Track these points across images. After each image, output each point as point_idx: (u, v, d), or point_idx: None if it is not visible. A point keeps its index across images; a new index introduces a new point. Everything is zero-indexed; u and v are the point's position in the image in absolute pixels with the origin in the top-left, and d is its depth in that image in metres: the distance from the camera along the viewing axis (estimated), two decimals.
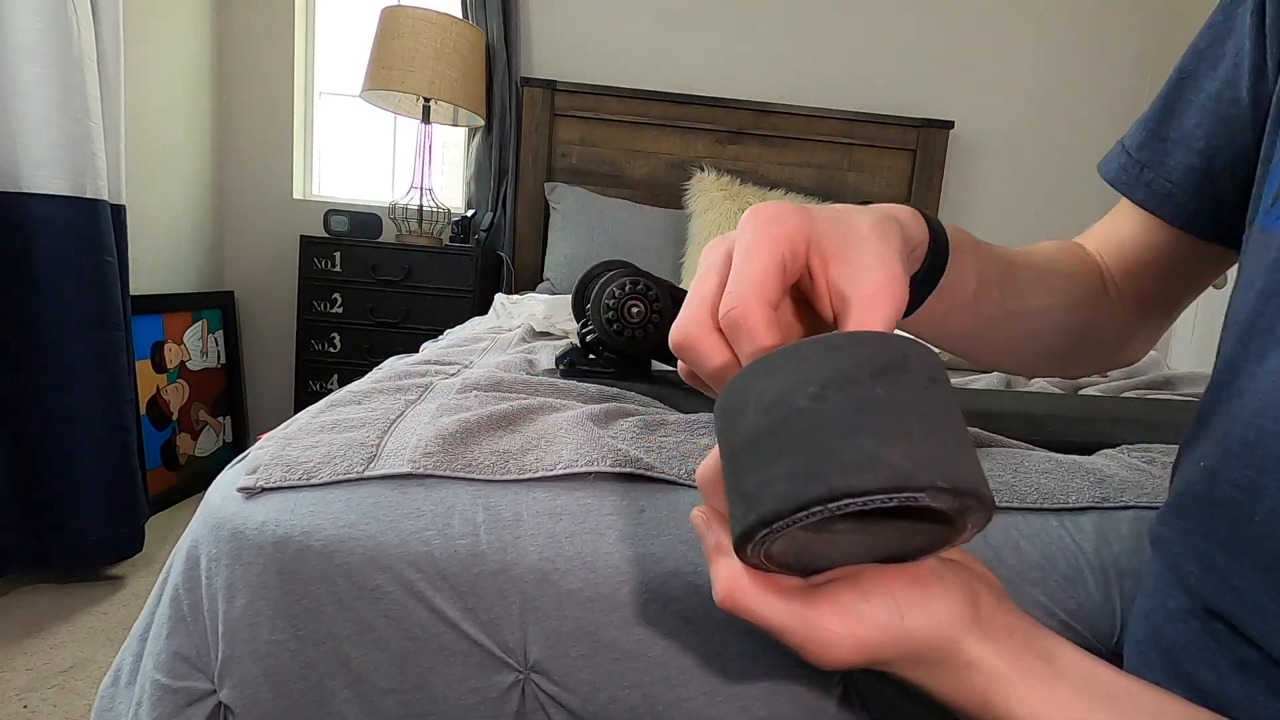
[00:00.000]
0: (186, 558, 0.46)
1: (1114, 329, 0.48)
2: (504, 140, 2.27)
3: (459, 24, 2.04)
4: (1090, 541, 0.47)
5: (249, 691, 0.43)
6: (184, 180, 2.15)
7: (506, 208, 2.30)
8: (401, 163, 2.48)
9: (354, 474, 0.46)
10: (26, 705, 1.08)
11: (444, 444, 0.48)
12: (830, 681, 0.42)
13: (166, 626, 0.46)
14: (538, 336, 1.11)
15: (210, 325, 2.17)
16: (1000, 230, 2.54)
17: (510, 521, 0.44)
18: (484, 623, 0.42)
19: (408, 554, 0.43)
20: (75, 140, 1.33)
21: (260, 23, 2.28)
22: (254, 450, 0.50)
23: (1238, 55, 0.37)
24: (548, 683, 0.43)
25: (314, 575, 0.43)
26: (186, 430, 2.02)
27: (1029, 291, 0.42)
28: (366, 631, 0.43)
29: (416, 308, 2.02)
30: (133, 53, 1.82)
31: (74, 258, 1.35)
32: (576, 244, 2.14)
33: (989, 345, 0.44)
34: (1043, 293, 0.43)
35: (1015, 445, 0.59)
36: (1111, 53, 2.48)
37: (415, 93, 1.98)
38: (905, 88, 2.44)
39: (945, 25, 2.44)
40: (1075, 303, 0.45)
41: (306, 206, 2.36)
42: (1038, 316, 0.43)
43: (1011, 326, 0.43)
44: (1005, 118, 2.49)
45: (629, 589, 0.42)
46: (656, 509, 0.45)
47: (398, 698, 0.43)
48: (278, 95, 2.32)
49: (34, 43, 1.27)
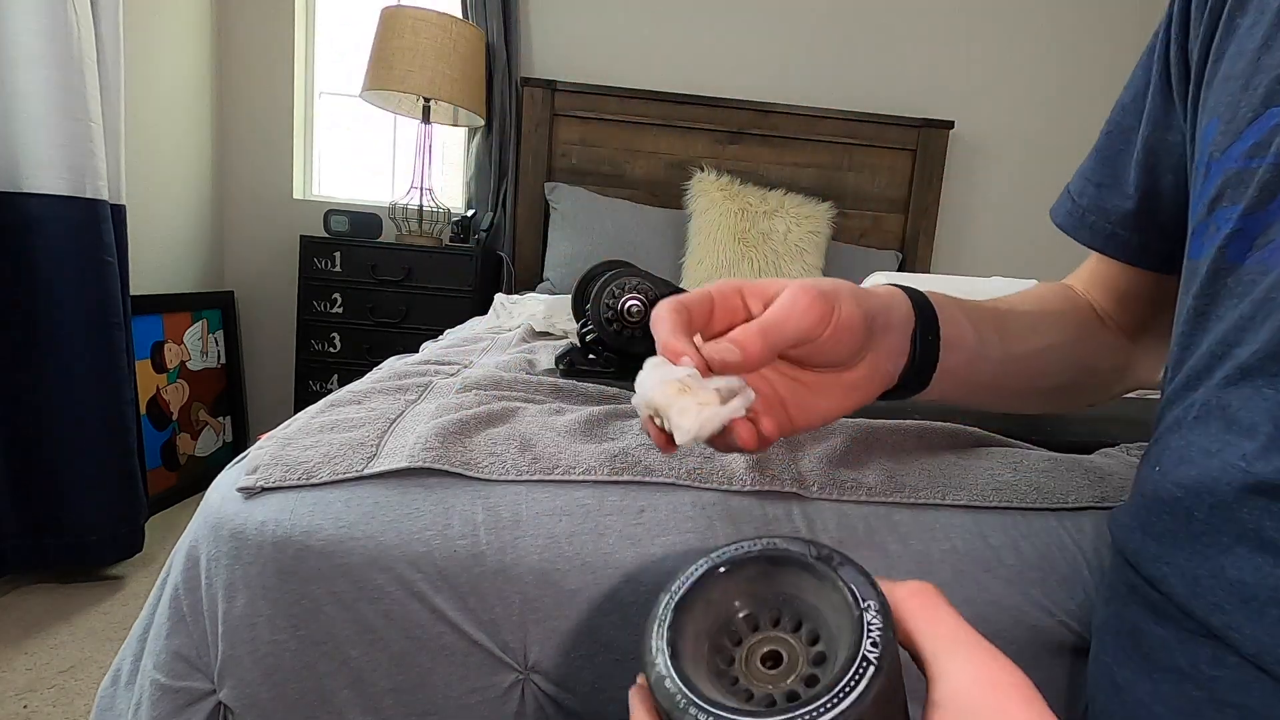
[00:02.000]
0: (186, 558, 0.46)
1: (1115, 358, 0.50)
2: (504, 140, 2.27)
3: (459, 24, 2.04)
4: (1089, 541, 0.47)
5: (249, 691, 0.43)
6: (184, 180, 2.15)
7: (506, 208, 2.30)
8: (401, 163, 2.48)
9: (354, 473, 0.46)
10: (26, 705, 1.08)
11: (444, 440, 0.48)
12: None
13: (166, 626, 0.46)
14: (537, 336, 1.11)
15: (210, 325, 2.17)
16: (1000, 230, 2.54)
17: (510, 522, 0.44)
18: (484, 623, 0.42)
19: (408, 554, 0.43)
20: (75, 140, 1.33)
21: (260, 23, 2.28)
22: (254, 450, 0.50)
23: (1162, 111, 0.42)
24: (547, 683, 0.43)
25: (314, 575, 0.43)
26: (186, 430, 2.02)
27: (1026, 334, 0.45)
28: (366, 631, 0.43)
29: (416, 308, 2.02)
30: (133, 53, 1.82)
31: (74, 258, 1.35)
32: (576, 244, 2.14)
33: (1006, 392, 0.46)
34: (1039, 333, 0.46)
35: (1015, 445, 0.59)
36: (1112, 53, 2.48)
37: (415, 93, 1.98)
38: (905, 88, 2.44)
39: (945, 25, 2.44)
40: (1072, 338, 0.47)
41: (306, 206, 2.36)
42: (1039, 356, 0.46)
43: (1017, 370, 0.45)
44: (1005, 118, 2.49)
45: (629, 589, 0.42)
46: (656, 509, 0.45)
47: (397, 698, 0.43)
48: (278, 95, 2.32)
49: (34, 43, 1.27)
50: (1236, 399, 0.30)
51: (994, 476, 0.50)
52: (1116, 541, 0.38)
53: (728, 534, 0.44)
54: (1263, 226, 0.31)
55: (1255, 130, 0.31)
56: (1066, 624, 0.44)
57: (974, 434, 0.59)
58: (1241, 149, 0.32)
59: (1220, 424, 0.31)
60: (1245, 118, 0.32)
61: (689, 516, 0.45)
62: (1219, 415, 0.31)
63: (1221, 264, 0.32)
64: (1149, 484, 0.35)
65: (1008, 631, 0.43)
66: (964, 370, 0.41)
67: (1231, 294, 0.32)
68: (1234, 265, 0.32)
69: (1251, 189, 0.31)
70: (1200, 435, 0.32)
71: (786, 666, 0.22)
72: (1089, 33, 2.47)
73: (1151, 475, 0.35)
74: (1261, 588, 0.28)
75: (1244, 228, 0.31)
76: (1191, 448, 0.32)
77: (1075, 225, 0.48)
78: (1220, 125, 0.33)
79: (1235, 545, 0.29)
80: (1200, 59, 0.37)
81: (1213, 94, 0.35)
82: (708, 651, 0.23)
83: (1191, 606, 0.31)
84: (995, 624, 0.43)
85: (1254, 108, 0.32)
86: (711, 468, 0.47)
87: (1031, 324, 0.46)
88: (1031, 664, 0.43)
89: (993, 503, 0.48)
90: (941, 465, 0.52)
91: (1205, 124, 0.35)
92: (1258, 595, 0.28)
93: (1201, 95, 0.36)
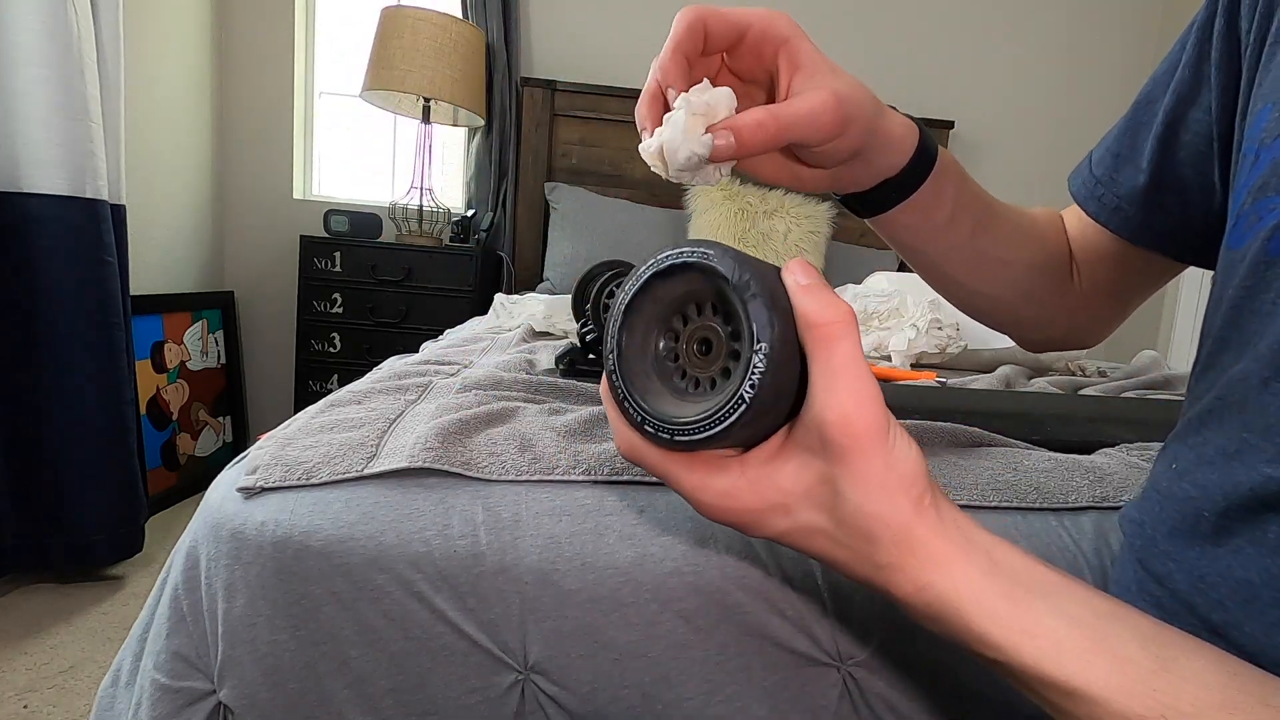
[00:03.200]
0: (186, 558, 0.46)
1: (1068, 304, 0.51)
2: (504, 140, 2.27)
3: (459, 24, 2.04)
4: (1089, 541, 0.47)
5: (249, 691, 0.43)
6: (184, 180, 2.15)
7: (506, 208, 2.30)
8: (401, 163, 2.48)
9: (353, 474, 0.46)
10: (26, 705, 1.08)
11: (444, 440, 0.48)
12: (829, 682, 0.42)
13: (166, 626, 0.46)
14: (537, 336, 1.11)
15: (210, 325, 2.17)
16: None
17: (510, 522, 0.44)
18: (484, 623, 0.42)
19: (407, 554, 0.43)
20: (75, 140, 1.33)
21: (260, 23, 2.28)
22: (254, 450, 0.50)
23: (1189, 87, 0.41)
24: (547, 683, 0.43)
25: (314, 575, 0.43)
26: (186, 430, 2.02)
27: (1002, 239, 0.46)
28: (366, 631, 0.43)
29: (416, 308, 2.02)
30: (133, 53, 1.82)
31: (74, 257, 1.35)
32: (576, 244, 2.14)
33: (946, 274, 0.48)
34: (1015, 245, 0.47)
35: (1015, 445, 0.59)
36: (1112, 53, 2.48)
37: (415, 93, 1.98)
38: (905, 88, 2.44)
39: (945, 25, 2.44)
40: (1040, 264, 0.48)
41: (306, 206, 2.36)
42: (1002, 265, 0.47)
43: (975, 264, 0.46)
44: (1005, 118, 2.49)
45: (628, 589, 0.42)
46: (656, 509, 0.45)
47: (397, 697, 0.43)
48: (278, 95, 2.32)
49: (34, 43, 1.27)
50: (1259, 400, 0.29)
51: (994, 476, 0.50)
52: (1126, 535, 0.38)
53: (728, 536, 0.44)
54: None
55: None
56: None
57: (974, 434, 0.59)
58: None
59: (1238, 424, 0.30)
60: None
61: (688, 517, 0.45)
62: (1238, 415, 0.30)
63: (1263, 256, 0.31)
64: (1164, 480, 0.35)
65: None
66: (908, 229, 0.43)
67: (1270, 288, 0.30)
68: (1275, 259, 0.30)
69: None
70: (1218, 434, 0.31)
71: (713, 354, 0.27)
72: (1089, 32, 2.47)
73: (1167, 472, 0.35)
74: (1266, 589, 0.28)
75: None
76: (1208, 446, 0.32)
77: (1086, 196, 0.48)
78: (1275, 111, 0.32)
79: (1247, 547, 0.29)
80: (1258, 39, 0.35)
81: (1270, 77, 0.33)
82: (658, 336, 0.28)
83: (1194, 601, 0.31)
84: None
85: None
86: None
87: (1011, 232, 0.47)
88: None
89: (993, 503, 0.48)
90: (941, 465, 0.52)
91: (1259, 108, 0.33)
92: (1261, 595, 0.28)
93: (1257, 77, 0.35)
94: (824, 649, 0.42)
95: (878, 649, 0.42)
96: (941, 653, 0.43)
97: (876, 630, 0.42)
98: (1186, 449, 0.34)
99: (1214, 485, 0.31)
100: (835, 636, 0.42)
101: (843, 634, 0.42)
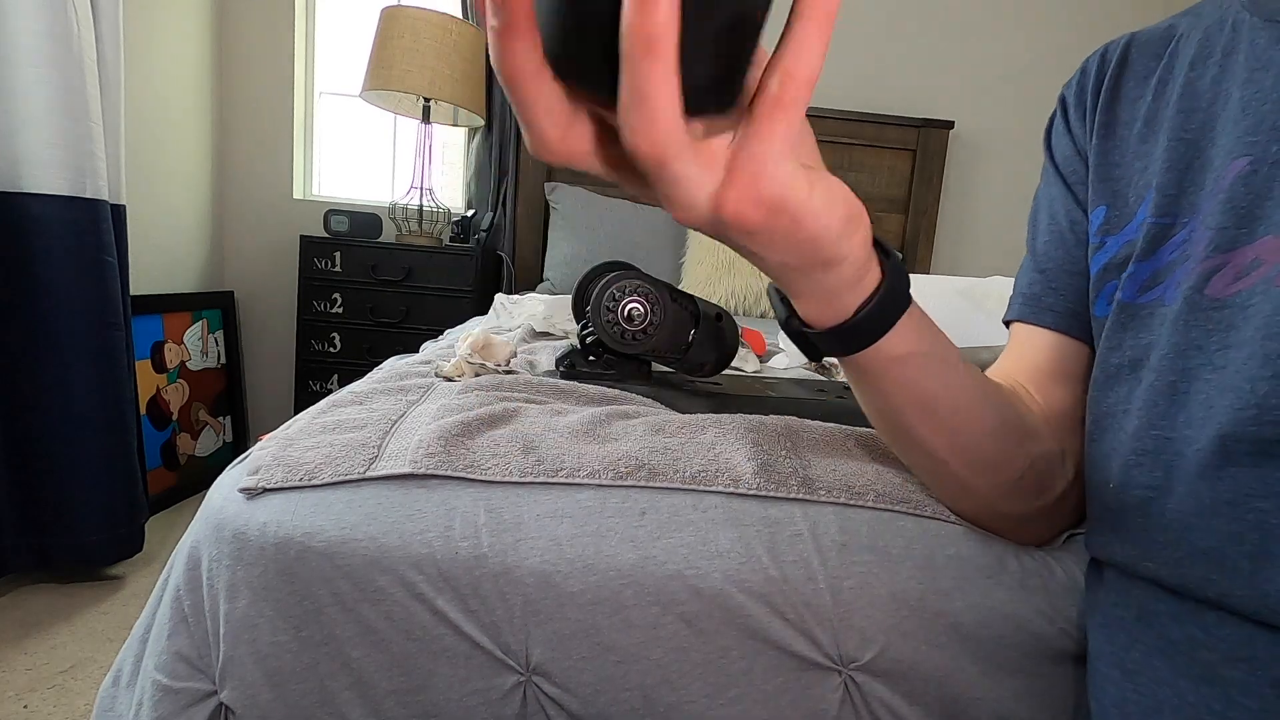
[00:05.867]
0: (188, 558, 0.46)
1: (1049, 433, 0.43)
2: (504, 140, 2.27)
3: (459, 24, 2.04)
4: None
5: (250, 693, 0.43)
6: (184, 180, 2.15)
7: (506, 208, 2.30)
8: (401, 163, 2.48)
9: (355, 475, 0.46)
10: (26, 705, 1.08)
11: (446, 444, 0.48)
12: (831, 686, 0.42)
13: (167, 627, 0.46)
14: (538, 337, 1.11)
15: (210, 325, 2.17)
16: (1000, 230, 2.54)
17: (512, 524, 0.44)
18: (486, 625, 0.42)
19: (409, 555, 0.43)
20: (75, 140, 1.33)
21: (260, 23, 2.28)
22: (255, 451, 0.50)
23: (1057, 204, 0.49)
24: (549, 685, 0.43)
25: (315, 576, 0.43)
26: (186, 430, 2.02)
27: (972, 373, 0.40)
28: (368, 633, 0.43)
29: (416, 308, 2.02)
30: (133, 53, 1.82)
31: (74, 257, 1.34)
32: (576, 244, 2.14)
33: (942, 412, 0.39)
34: (980, 382, 0.40)
35: None
36: None
37: (415, 93, 1.98)
38: (905, 88, 2.44)
39: (945, 25, 2.44)
40: (1004, 403, 0.41)
41: (306, 206, 2.36)
42: (979, 392, 0.40)
43: (941, 416, 0.39)
44: (1005, 118, 2.49)
45: (631, 592, 0.42)
46: (658, 511, 0.45)
47: (399, 699, 0.43)
48: (278, 95, 2.32)
49: (34, 43, 1.26)
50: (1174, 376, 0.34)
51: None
52: (1106, 561, 0.38)
53: (730, 538, 0.44)
54: (1150, 272, 0.37)
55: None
56: (1067, 631, 0.43)
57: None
58: None
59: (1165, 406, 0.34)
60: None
61: (691, 520, 0.45)
62: (1166, 398, 0.34)
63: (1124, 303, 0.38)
64: (1108, 495, 0.37)
65: (1009, 638, 0.43)
66: (914, 363, 0.37)
67: (1128, 328, 0.37)
68: (1129, 303, 0.37)
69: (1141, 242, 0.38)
70: (1141, 422, 0.35)
71: None
72: (1089, 32, 2.47)
73: (1105, 490, 0.37)
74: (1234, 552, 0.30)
75: (1135, 272, 0.37)
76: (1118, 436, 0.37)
77: (1036, 312, 0.46)
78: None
79: (1195, 520, 0.32)
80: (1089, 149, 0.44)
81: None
82: None
83: (1187, 589, 0.32)
84: (997, 630, 0.43)
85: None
86: (716, 470, 0.47)
87: (969, 373, 0.39)
88: (1033, 672, 0.43)
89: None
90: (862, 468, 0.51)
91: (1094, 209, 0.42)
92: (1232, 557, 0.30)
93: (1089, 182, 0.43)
94: (826, 653, 0.42)
95: (880, 654, 0.42)
96: (943, 658, 0.43)
97: (879, 635, 0.42)
98: (1108, 456, 0.38)
99: (1156, 476, 0.35)
100: (837, 641, 0.42)
101: (845, 638, 0.42)
